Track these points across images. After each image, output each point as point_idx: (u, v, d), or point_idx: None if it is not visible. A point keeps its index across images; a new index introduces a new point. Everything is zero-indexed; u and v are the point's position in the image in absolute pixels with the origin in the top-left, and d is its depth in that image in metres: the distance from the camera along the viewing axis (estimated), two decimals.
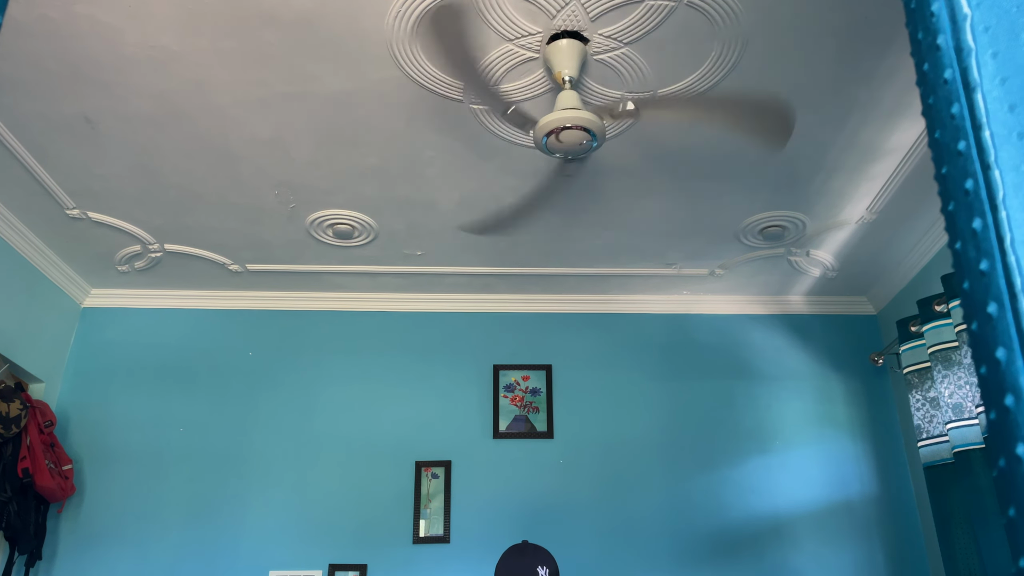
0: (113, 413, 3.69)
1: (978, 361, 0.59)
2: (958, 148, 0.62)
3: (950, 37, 0.64)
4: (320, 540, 3.49)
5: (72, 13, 2.24)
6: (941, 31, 0.65)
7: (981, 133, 0.60)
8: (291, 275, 3.78)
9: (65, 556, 3.43)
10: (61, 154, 2.88)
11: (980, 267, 0.59)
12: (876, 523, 3.60)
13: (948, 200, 0.64)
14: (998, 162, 0.59)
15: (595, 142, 2.27)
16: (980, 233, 0.59)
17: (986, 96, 0.61)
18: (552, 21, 2.26)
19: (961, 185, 0.62)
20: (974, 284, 0.60)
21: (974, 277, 0.60)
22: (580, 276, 3.79)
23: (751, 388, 3.85)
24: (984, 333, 0.58)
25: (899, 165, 2.94)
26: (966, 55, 0.62)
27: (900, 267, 3.64)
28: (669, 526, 3.57)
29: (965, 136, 0.62)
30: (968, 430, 2.80)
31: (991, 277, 0.58)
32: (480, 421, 3.75)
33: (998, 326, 0.57)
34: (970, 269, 0.60)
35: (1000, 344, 0.57)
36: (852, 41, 2.34)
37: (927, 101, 0.67)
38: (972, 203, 0.60)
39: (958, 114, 0.63)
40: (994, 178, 0.59)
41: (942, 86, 0.64)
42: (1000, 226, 0.58)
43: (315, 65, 2.45)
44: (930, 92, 0.66)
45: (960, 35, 0.63)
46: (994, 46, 0.61)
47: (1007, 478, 0.55)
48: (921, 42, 0.68)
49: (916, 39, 0.69)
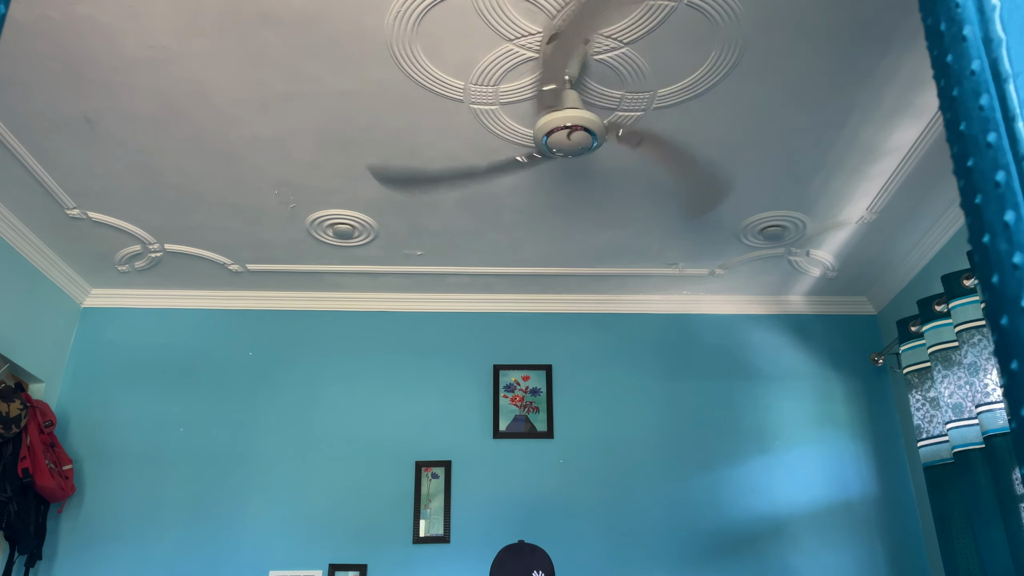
0: (113, 413, 3.69)
1: (1008, 357, 0.57)
2: (987, 140, 0.60)
3: (977, 27, 0.63)
4: (320, 540, 3.49)
5: (72, 13, 2.24)
6: (968, 21, 0.63)
7: (1014, 124, 0.59)
8: (291, 275, 3.78)
9: (65, 556, 3.43)
10: (61, 154, 2.88)
11: (1013, 260, 0.57)
12: (876, 523, 3.60)
13: (975, 193, 0.62)
14: None
15: (595, 142, 2.27)
16: (1013, 226, 0.58)
17: (1018, 87, 0.60)
18: (552, 21, 2.26)
19: (991, 177, 0.60)
20: (1006, 278, 0.58)
21: (1005, 271, 0.58)
22: (580, 276, 3.79)
23: (751, 388, 3.85)
24: (1018, 328, 0.56)
25: (899, 165, 2.94)
26: (996, 46, 0.61)
27: (900, 267, 3.64)
28: (669, 526, 3.57)
29: (996, 127, 0.60)
30: (968, 430, 2.80)
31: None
32: (480, 421, 3.74)
33: None
34: (1000, 263, 0.58)
35: None
36: (852, 41, 2.34)
37: (950, 93, 0.65)
38: (1004, 195, 0.59)
39: (987, 105, 0.61)
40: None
41: (968, 77, 0.63)
42: None
43: (315, 65, 2.45)
44: (954, 84, 0.65)
45: (989, 25, 0.62)
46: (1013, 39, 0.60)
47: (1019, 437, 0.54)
48: (944, 33, 0.66)
49: (937, 30, 0.67)
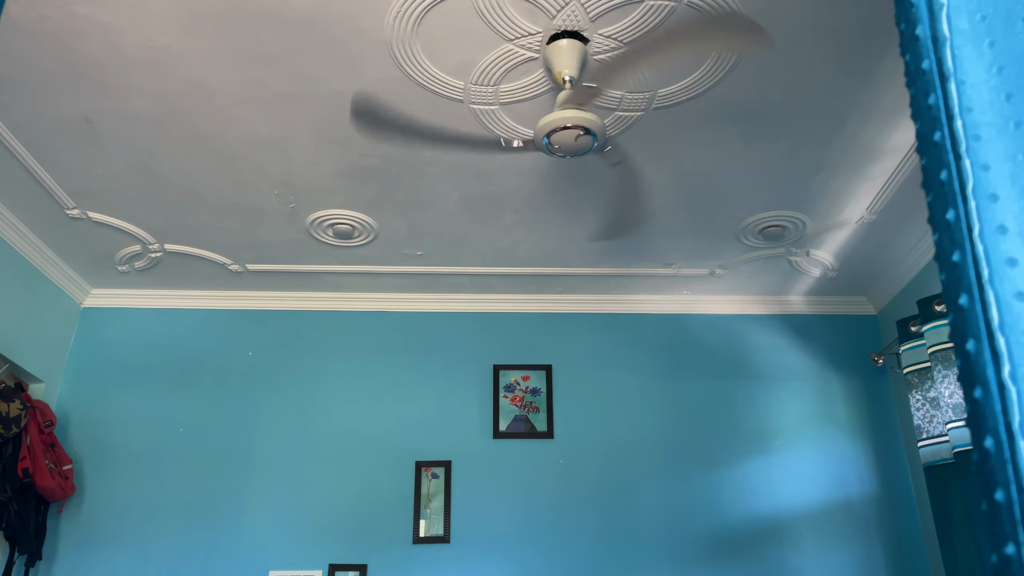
0: (113, 413, 3.69)
1: (956, 354, 0.58)
2: (934, 138, 0.61)
3: (927, 27, 0.63)
4: (320, 540, 3.49)
5: (72, 13, 2.24)
6: (920, 21, 0.64)
7: (954, 123, 0.59)
8: (291, 275, 3.78)
9: (65, 556, 3.43)
10: (61, 154, 2.88)
11: (953, 258, 0.58)
12: (876, 523, 3.60)
13: (928, 191, 0.63)
14: (969, 152, 0.58)
15: (595, 142, 2.27)
16: (953, 224, 0.58)
17: (973, 85, 0.60)
18: (552, 21, 2.26)
19: (937, 176, 0.61)
20: (949, 275, 0.59)
21: (948, 268, 0.59)
22: (580, 276, 3.79)
23: (751, 388, 3.85)
24: (957, 325, 0.57)
25: (899, 165, 2.94)
26: (941, 44, 0.62)
27: (900, 267, 3.64)
28: (669, 526, 3.57)
29: (940, 126, 0.61)
30: (968, 430, 2.80)
31: (962, 268, 0.57)
32: (480, 421, 3.74)
33: (968, 318, 0.56)
34: (944, 260, 0.60)
35: (971, 336, 0.56)
36: (852, 41, 2.34)
37: (911, 92, 0.66)
38: (947, 193, 0.59)
39: (934, 104, 0.62)
40: (964, 168, 0.58)
41: (920, 76, 0.64)
42: (970, 217, 0.57)
43: (315, 65, 2.45)
44: (911, 83, 0.66)
45: (936, 24, 0.62)
46: (991, 35, 0.61)
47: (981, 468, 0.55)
48: (904, 33, 0.67)
49: (900, 31, 0.68)
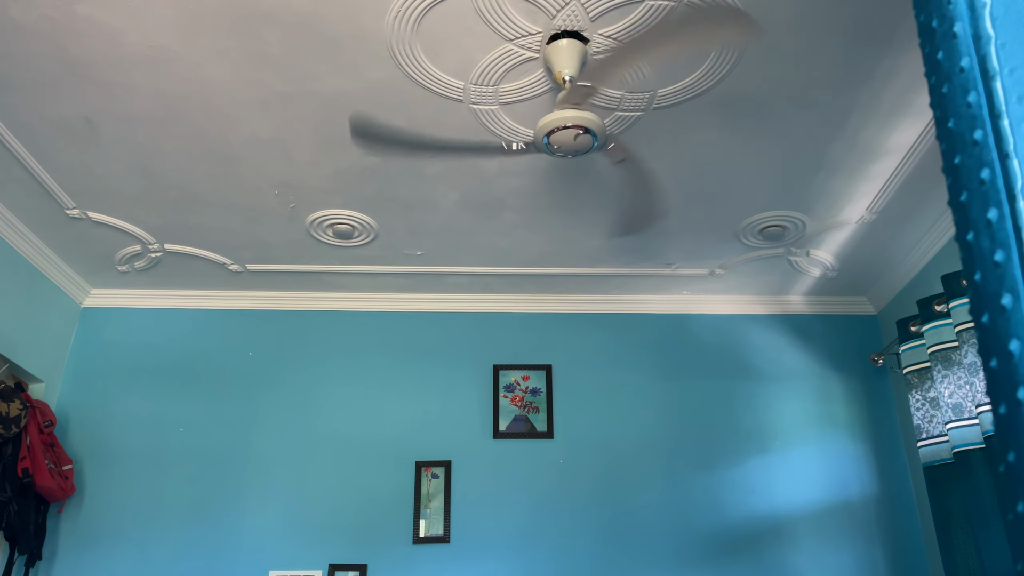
0: (113, 413, 3.69)
1: (988, 354, 0.57)
2: (974, 137, 0.60)
3: (968, 25, 0.63)
4: (320, 540, 3.49)
5: (72, 13, 2.24)
6: (959, 19, 0.63)
7: (1000, 121, 0.59)
8: (291, 275, 3.78)
9: (65, 556, 3.43)
10: (61, 154, 2.88)
11: (995, 258, 0.57)
12: (876, 523, 3.60)
13: (960, 190, 0.62)
14: (1017, 151, 0.58)
15: (595, 141, 2.27)
16: (996, 223, 0.58)
17: (1005, 84, 0.60)
18: (552, 21, 2.26)
19: (977, 175, 0.60)
20: (987, 275, 0.58)
21: (987, 268, 0.58)
22: (580, 276, 3.79)
23: (751, 388, 3.85)
24: (997, 325, 0.56)
25: (899, 165, 2.94)
26: (985, 43, 0.61)
27: (900, 267, 3.64)
28: (669, 526, 3.57)
29: (982, 124, 0.60)
30: (968, 430, 2.80)
31: (1006, 268, 0.56)
32: (480, 421, 3.74)
33: (1012, 318, 0.55)
34: (983, 260, 0.59)
35: (1014, 336, 0.55)
36: (852, 41, 2.34)
37: (940, 90, 0.65)
38: (988, 192, 0.59)
39: (975, 102, 0.61)
40: (1012, 167, 0.58)
41: (958, 74, 0.63)
42: (1018, 215, 0.56)
43: (315, 65, 2.45)
44: (944, 80, 0.65)
45: (979, 23, 0.62)
46: (1002, 36, 0.61)
47: (1015, 474, 0.54)
48: (936, 30, 0.66)
49: (929, 27, 0.67)
